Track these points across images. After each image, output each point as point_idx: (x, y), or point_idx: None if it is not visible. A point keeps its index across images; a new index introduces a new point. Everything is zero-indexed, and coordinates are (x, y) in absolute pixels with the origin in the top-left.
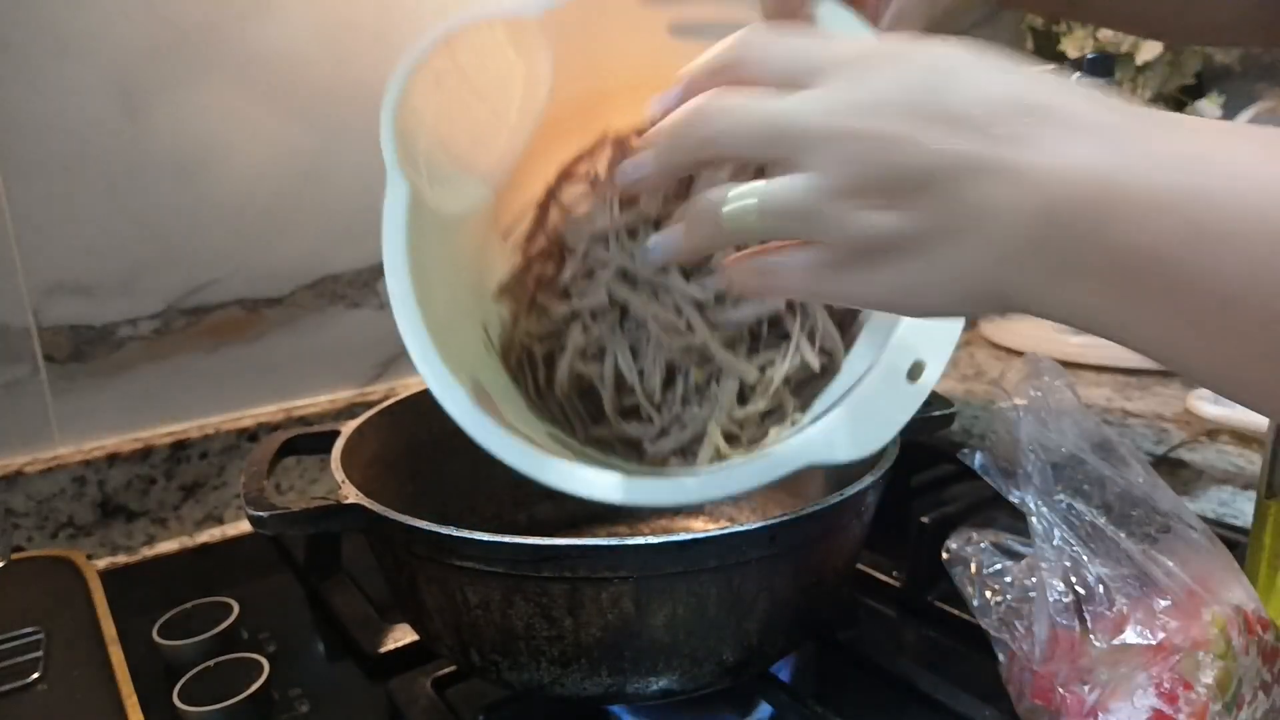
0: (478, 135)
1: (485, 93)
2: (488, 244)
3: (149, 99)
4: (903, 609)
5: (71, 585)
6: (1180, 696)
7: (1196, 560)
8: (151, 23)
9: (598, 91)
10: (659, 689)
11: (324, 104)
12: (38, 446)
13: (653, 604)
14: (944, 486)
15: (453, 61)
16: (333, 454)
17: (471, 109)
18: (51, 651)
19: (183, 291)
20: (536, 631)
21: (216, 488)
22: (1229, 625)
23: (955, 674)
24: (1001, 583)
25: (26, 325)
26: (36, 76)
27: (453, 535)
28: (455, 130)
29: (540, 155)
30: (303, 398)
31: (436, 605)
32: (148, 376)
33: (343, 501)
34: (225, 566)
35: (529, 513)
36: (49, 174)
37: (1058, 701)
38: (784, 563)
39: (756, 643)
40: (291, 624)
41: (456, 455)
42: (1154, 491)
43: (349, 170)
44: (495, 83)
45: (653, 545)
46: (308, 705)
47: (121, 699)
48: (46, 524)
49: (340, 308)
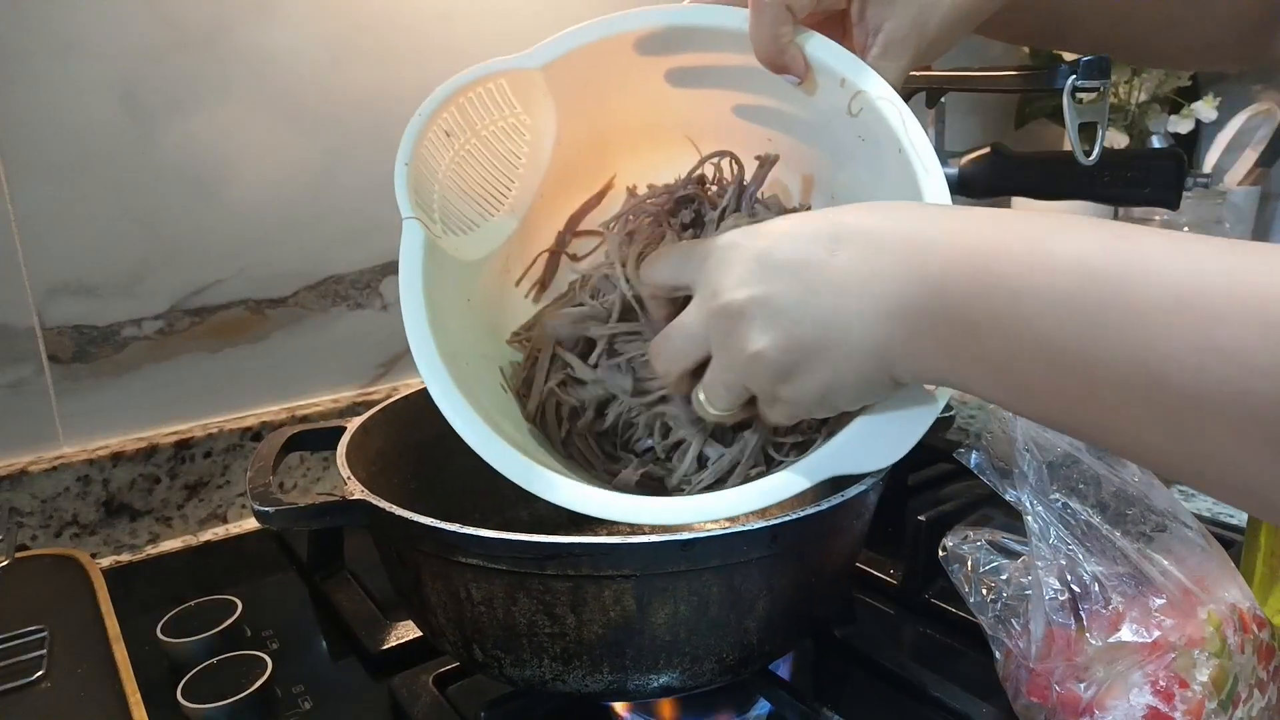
0: (489, 185)
1: (494, 145)
2: (504, 289)
3: (153, 100)
4: (900, 606)
5: (76, 584)
6: (1176, 694)
7: (1192, 559)
8: (156, 25)
9: (602, 138)
10: (659, 686)
11: (328, 106)
12: (42, 446)
13: (654, 602)
14: (941, 485)
15: (461, 116)
16: (338, 449)
17: (481, 160)
18: (55, 649)
19: (186, 292)
20: (539, 628)
21: (220, 487)
22: (1224, 623)
23: (952, 671)
24: (998, 581)
25: (31, 325)
26: (41, 77)
27: (458, 532)
28: (467, 181)
29: (551, 202)
30: (306, 397)
31: (440, 601)
32: (152, 376)
33: (348, 497)
34: (228, 565)
35: (531, 510)
36: (53, 175)
37: (1054, 699)
38: (785, 562)
39: (756, 641)
40: (294, 622)
41: (458, 453)
42: (1149, 490)
43: (352, 172)
44: (503, 134)
45: (655, 544)
46: (310, 702)
47: (125, 696)
48: (51, 523)
49: (343, 308)
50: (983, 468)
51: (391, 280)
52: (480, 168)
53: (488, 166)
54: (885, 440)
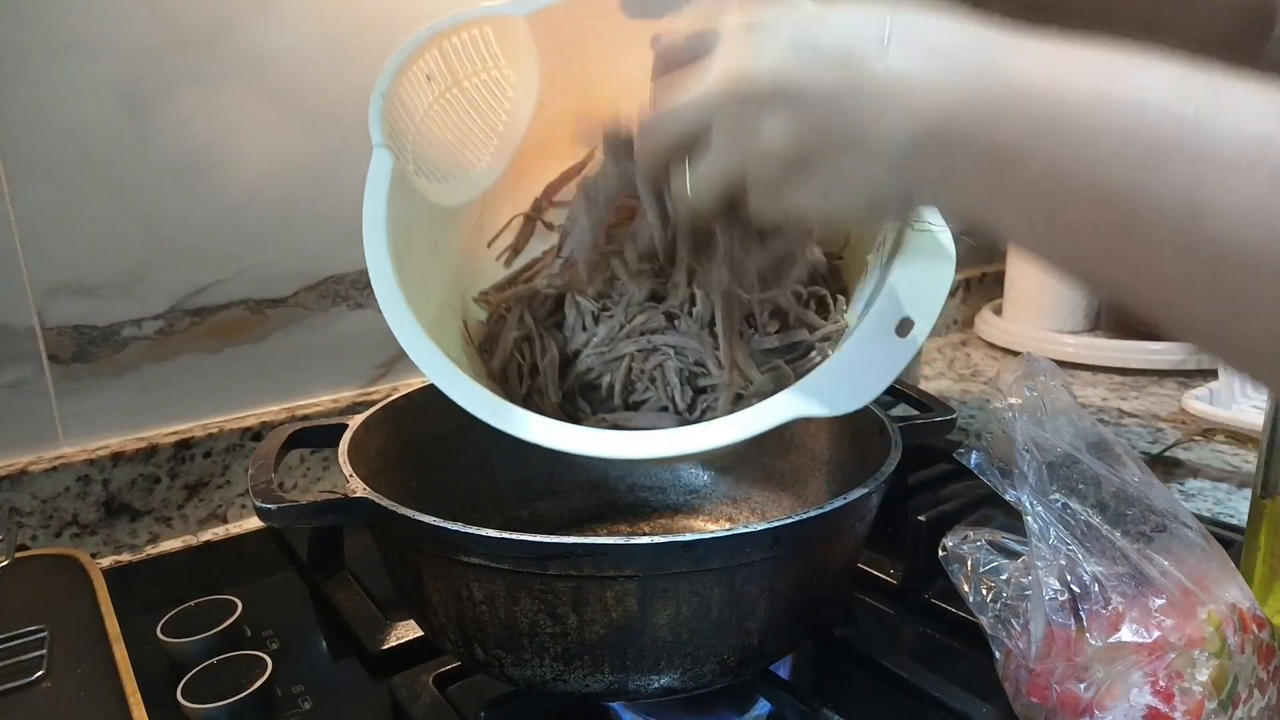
0: (465, 138)
1: (475, 98)
2: (476, 248)
3: (153, 100)
4: (900, 606)
5: (75, 584)
6: (1176, 694)
7: (1192, 559)
8: (155, 24)
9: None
10: (660, 686)
11: (327, 105)
12: (42, 446)
13: (656, 603)
14: (941, 485)
15: (444, 62)
16: (340, 446)
17: (460, 111)
18: (55, 650)
19: (186, 292)
20: (540, 628)
21: (220, 486)
22: (1224, 623)
23: (952, 671)
24: (998, 581)
25: (31, 325)
26: (41, 77)
27: (460, 531)
28: (443, 129)
29: (529, 168)
30: (306, 397)
31: (441, 601)
32: (152, 376)
33: (350, 495)
34: (228, 565)
35: (531, 509)
36: (53, 175)
37: (1053, 699)
38: (786, 564)
39: (757, 642)
40: (294, 621)
41: (459, 452)
42: (1149, 490)
43: (352, 171)
44: (485, 88)
45: (658, 545)
46: (310, 702)
47: (125, 697)
48: (51, 523)
49: (343, 308)
50: (983, 468)
51: None
52: (459, 119)
53: (466, 119)
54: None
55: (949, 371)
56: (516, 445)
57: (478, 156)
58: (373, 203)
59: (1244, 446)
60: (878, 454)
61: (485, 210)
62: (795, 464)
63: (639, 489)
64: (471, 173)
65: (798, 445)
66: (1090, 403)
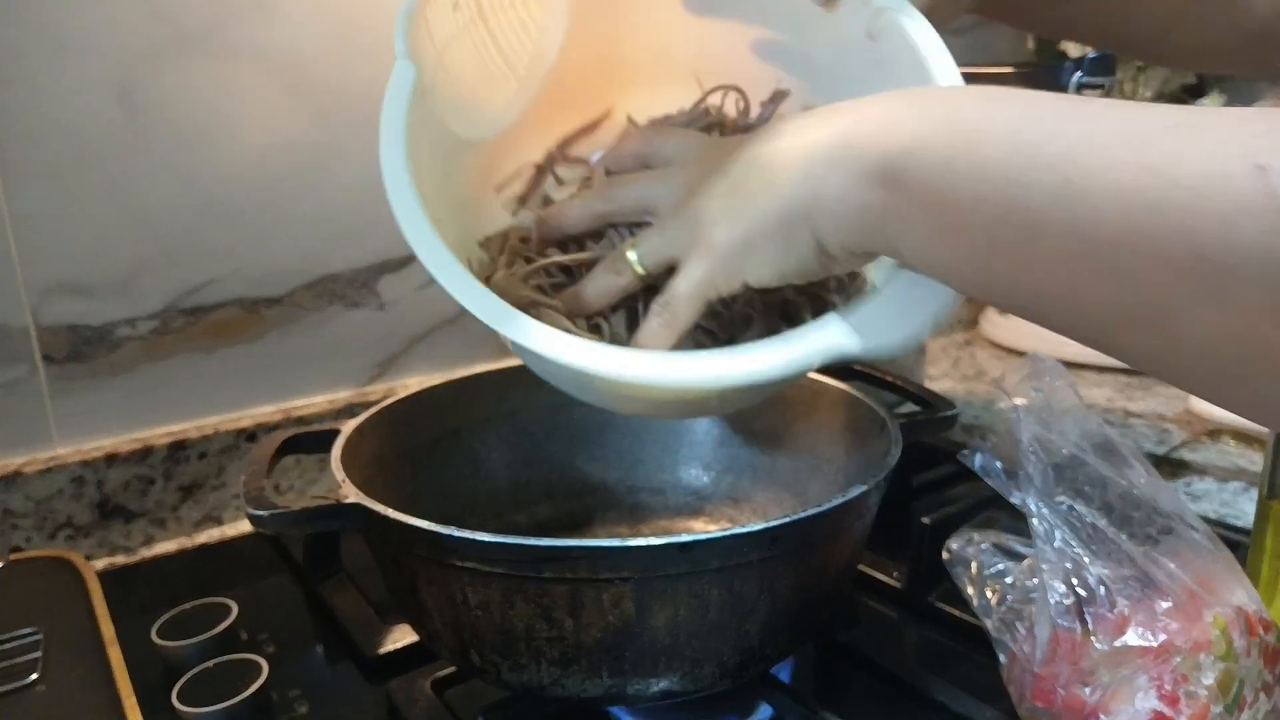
0: (485, 74)
1: (498, 35)
2: (484, 190)
3: (148, 98)
4: (903, 609)
5: (70, 586)
6: (1181, 698)
7: (1198, 561)
8: (151, 22)
9: (607, 64)
10: (659, 690)
11: (325, 105)
12: (36, 447)
13: (654, 605)
14: (945, 487)
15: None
16: (333, 453)
17: (483, 46)
18: (50, 652)
19: (181, 291)
20: (537, 632)
21: (215, 488)
22: (1230, 627)
23: (956, 675)
24: (1002, 584)
25: (25, 325)
26: (36, 76)
27: (454, 535)
28: (463, 62)
29: (544, 117)
30: (301, 398)
31: (436, 606)
32: (146, 376)
33: (343, 501)
34: (224, 567)
35: (529, 513)
36: (48, 174)
37: (1059, 703)
38: (785, 565)
39: (757, 644)
40: (290, 625)
41: (456, 456)
42: (1155, 492)
43: (348, 171)
44: (509, 28)
45: (654, 546)
46: (306, 706)
47: (120, 700)
48: (45, 524)
49: (339, 307)
50: (987, 470)
51: (389, 279)
52: (480, 54)
53: (487, 57)
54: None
55: (954, 371)
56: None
57: (494, 95)
58: (392, 109)
59: (1250, 447)
60: (880, 453)
61: (496, 154)
62: (796, 464)
63: (638, 491)
64: (487, 111)
65: (798, 445)
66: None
